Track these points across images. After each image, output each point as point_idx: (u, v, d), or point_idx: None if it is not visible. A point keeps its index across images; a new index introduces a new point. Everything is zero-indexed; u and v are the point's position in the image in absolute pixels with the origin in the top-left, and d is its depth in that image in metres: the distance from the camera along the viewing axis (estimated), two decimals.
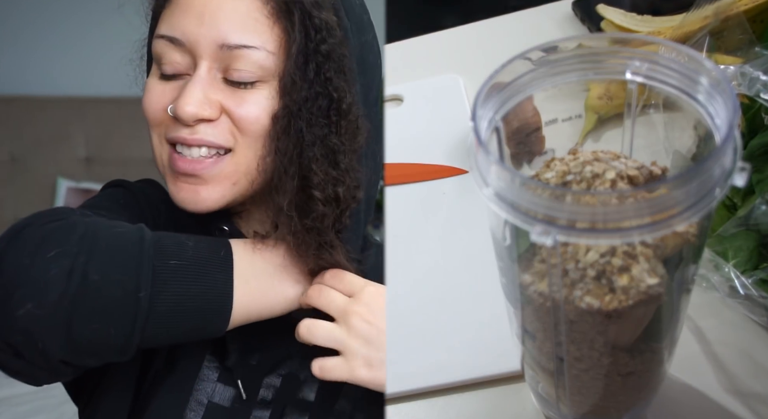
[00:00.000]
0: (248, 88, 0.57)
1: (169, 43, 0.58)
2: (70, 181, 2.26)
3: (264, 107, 0.57)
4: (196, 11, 0.57)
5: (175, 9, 0.58)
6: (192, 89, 0.57)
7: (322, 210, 0.58)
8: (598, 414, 0.59)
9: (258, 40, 0.56)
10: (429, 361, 0.70)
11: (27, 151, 2.26)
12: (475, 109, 0.48)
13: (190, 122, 0.57)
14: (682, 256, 0.48)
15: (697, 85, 0.49)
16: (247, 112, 0.57)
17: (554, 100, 0.55)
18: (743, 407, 0.62)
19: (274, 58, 0.57)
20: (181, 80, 0.58)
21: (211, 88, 0.57)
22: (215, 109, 0.57)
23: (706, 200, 0.43)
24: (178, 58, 0.58)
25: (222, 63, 0.57)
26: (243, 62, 0.56)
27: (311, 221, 0.58)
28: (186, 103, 0.56)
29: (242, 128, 0.57)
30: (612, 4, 1.00)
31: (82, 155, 2.28)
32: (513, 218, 0.45)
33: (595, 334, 0.50)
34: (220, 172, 0.58)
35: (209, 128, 0.57)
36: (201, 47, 0.57)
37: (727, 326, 0.68)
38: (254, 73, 0.57)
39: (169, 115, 0.58)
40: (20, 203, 2.23)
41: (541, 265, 0.49)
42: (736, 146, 0.44)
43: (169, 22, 0.58)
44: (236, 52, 0.56)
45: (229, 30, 0.56)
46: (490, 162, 0.46)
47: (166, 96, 0.58)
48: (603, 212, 0.42)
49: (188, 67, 0.58)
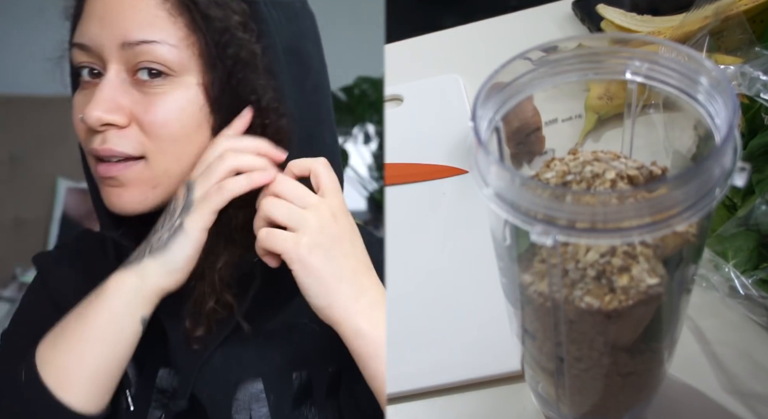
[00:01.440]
0: (157, 87, 0.57)
1: (80, 51, 0.58)
2: (70, 181, 2.25)
3: (173, 109, 0.57)
4: (98, 15, 0.57)
5: (84, 17, 0.59)
6: (98, 94, 0.57)
7: (235, 213, 0.58)
8: (598, 414, 0.59)
9: (159, 35, 0.56)
10: (429, 361, 0.70)
11: (27, 151, 2.26)
12: (475, 109, 0.48)
13: (98, 127, 0.57)
14: (682, 256, 0.48)
15: (697, 84, 0.49)
16: (155, 116, 0.57)
17: (554, 100, 0.55)
18: (743, 407, 0.62)
19: (177, 52, 0.57)
20: (94, 87, 0.58)
21: (119, 91, 0.57)
22: (123, 116, 0.57)
23: (706, 200, 0.43)
24: (88, 61, 0.58)
25: (127, 63, 0.57)
26: (146, 57, 0.56)
27: (228, 222, 0.58)
28: (92, 108, 0.56)
29: (151, 134, 0.57)
30: (612, 4, 1.00)
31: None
32: (513, 218, 0.45)
33: (595, 334, 0.50)
34: (137, 176, 0.58)
35: (116, 137, 0.57)
36: (105, 49, 0.57)
37: (727, 326, 0.68)
38: (160, 67, 0.56)
39: (86, 127, 0.58)
40: (20, 203, 2.23)
41: (541, 265, 0.49)
42: (736, 146, 0.44)
43: (79, 30, 0.59)
44: (138, 49, 0.56)
45: (129, 27, 0.56)
46: (490, 162, 0.46)
47: (81, 108, 0.58)
48: (603, 212, 0.42)
49: (100, 71, 0.58)
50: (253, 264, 0.58)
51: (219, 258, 0.58)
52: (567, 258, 0.47)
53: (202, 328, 0.60)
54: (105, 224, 0.62)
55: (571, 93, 0.56)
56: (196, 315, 0.59)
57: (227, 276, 0.58)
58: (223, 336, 0.59)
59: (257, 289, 0.59)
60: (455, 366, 0.69)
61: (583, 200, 0.44)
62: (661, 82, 0.51)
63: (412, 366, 0.69)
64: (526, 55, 0.51)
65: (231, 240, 0.58)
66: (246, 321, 0.59)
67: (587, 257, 0.47)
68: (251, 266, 0.59)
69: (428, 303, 0.75)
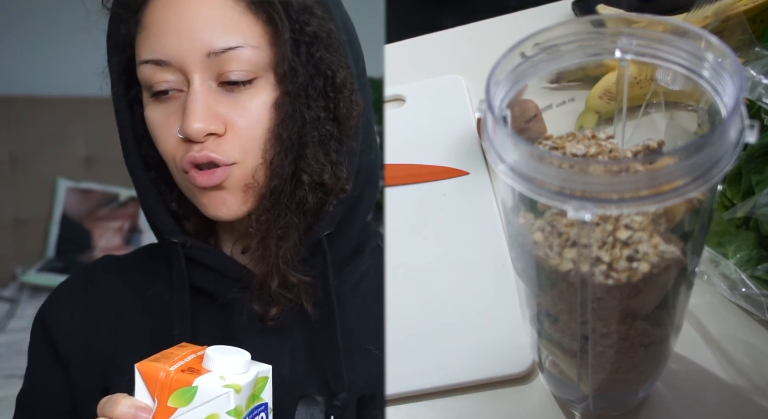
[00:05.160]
0: (245, 91, 0.57)
1: (156, 66, 0.57)
2: (70, 181, 2.25)
3: (264, 110, 0.57)
4: (174, 28, 0.56)
5: (151, 32, 0.57)
6: (193, 105, 0.56)
7: (304, 195, 0.58)
8: (620, 388, 0.60)
9: (241, 39, 0.56)
10: (428, 363, 0.70)
11: (27, 151, 2.25)
12: (489, 87, 0.49)
13: (201, 139, 0.57)
14: (694, 221, 0.50)
15: (703, 61, 0.50)
16: (250, 120, 0.57)
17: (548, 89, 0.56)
18: (744, 382, 0.64)
19: (260, 52, 0.57)
20: (176, 99, 0.58)
21: (212, 100, 0.57)
22: (220, 124, 0.57)
23: (724, 162, 0.45)
24: (168, 77, 0.57)
25: (212, 71, 0.56)
26: (233, 64, 0.56)
27: (291, 203, 0.58)
28: (191, 121, 0.56)
29: (245, 137, 0.57)
30: (612, 4, 1.00)
31: (82, 155, 2.28)
32: (538, 195, 0.45)
33: (621, 308, 0.50)
34: (237, 181, 0.58)
35: (216, 145, 0.57)
36: (189, 62, 0.56)
37: (726, 322, 0.68)
38: (248, 72, 0.57)
39: (179, 139, 0.58)
40: (20, 203, 2.23)
41: (567, 246, 0.50)
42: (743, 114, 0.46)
43: (149, 46, 0.57)
44: (223, 57, 0.56)
45: (212, 37, 0.56)
46: (514, 140, 0.46)
47: (169, 123, 0.58)
48: (647, 177, 0.43)
49: (180, 83, 0.57)
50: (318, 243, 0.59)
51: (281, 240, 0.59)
52: (593, 235, 0.48)
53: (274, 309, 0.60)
54: (169, 231, 0.61)
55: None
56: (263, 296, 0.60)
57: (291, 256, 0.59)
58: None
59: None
60: (455, 368, 0.69)
61: (613, 171, 0.45)
62: (660, 59, 0.52)
63: (412, 367, 0.69)
64: (521, 49, 0.52)
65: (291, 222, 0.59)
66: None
67: (617, 233, 0.48)
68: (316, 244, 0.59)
69: (428, 304, 0.75)
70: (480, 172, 0.88)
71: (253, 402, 0.52)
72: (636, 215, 0.48)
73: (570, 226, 0.49)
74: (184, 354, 0.52)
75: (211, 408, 0.49)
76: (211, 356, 0.51)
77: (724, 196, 0.72)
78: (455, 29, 1.14)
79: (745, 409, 0.63)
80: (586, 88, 0.82)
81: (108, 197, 2.24)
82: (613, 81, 0.69)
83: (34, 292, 2.07)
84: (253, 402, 0.52)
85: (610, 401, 0.62)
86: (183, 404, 0.49)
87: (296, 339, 0.60)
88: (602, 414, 0.64)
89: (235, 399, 0.49)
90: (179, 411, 0.49)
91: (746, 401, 0.63)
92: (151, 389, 0.50)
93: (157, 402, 0.50)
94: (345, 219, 0.61)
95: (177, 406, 0.49)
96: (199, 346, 0.54)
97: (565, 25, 0.53)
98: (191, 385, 0.49)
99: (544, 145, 0.53)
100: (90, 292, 0.67)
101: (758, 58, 0.73)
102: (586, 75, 0.66)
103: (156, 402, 0.50)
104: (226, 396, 0.49)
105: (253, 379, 0.51)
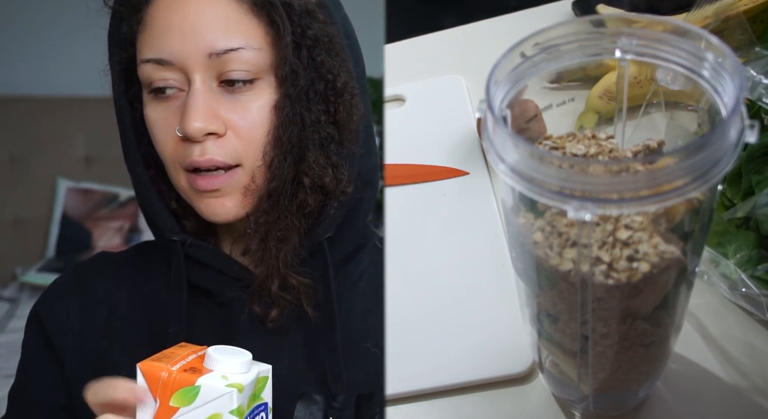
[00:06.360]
0: (246, 92, 0.57)
1: (157, 65, 0.57)
2: (70, 181, 2.25)
3: (265, 111, 0.58)
4: (177, 28, 0.56)
5: (154, 31, 0.58)
6: (193, 105, 0.56)
7: (305, 198, 0.58)
8: (620, 388, 0.60)
9: (243, 40, 0.56)
10: (428, 363, 0.70)
11: (27, 151, 2.25)
12: (488, 87, 0.49)
13: (200, 138, 0.57)
14: (694, 221, 0.50)
15: (703, 61, 0.50)
16: (252, 121, 0.57)
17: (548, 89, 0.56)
18: (745, 383, 0.64)
19: (262, 54, 0.57)
20: (176, 99, 0.58)
21: (212, 100, 0.57)
22: (221, 124, 0.57)
23: (724, 162, 0.45)
24: (169, 76, 0.57)
25: (213, 71, 0.57)
26: (234, 64, 0.56)
27: (292, 205, 0.58)
28: (191, 120, 0.56)
29: (247, 139, 0.57)
30: (612, 4, 1.00)
31: (82, 155, 2.28)
32: (537, 195, 0.45)
33: (621, 308, 0.51)
34: (237, 184, 0.58)
35: (216, 147, 0.57)
36: (191, 62, 0.56)
37: (726, 322, 0.68)
38: (248, 72, 0.57)
39: (178, 138, 0.58)
40: (20, 203, 2.22)
41: (566, 245, 0.50)
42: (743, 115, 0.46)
43: (151, 45, 0.58)
44: (225, 57, 0.56)
45: (214, 38, 0.56)
46: (514, 140, 0.46)
47: (169, 122, 0.58)
48: (647, 177, 0.43)
49: (181, 83, 0.57)
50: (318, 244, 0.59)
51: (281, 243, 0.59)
52: (593, 235, 0.48)
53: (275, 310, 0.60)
54: (169, 229, 0.61)
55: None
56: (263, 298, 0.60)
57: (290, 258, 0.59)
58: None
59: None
60: (455, 368, 0.69)
61: (612, 171, 0.45)
62: (660, 59, 0.52)
63: (412, 367, 0.69)
64: (521, 48, 0.52)
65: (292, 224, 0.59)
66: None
67: (618, 233, 0.48)
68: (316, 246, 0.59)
69: (428, 304, 0.75)
70: (480, 172, 0.88)
71: (254, 401, 0.52)
72: (636, 215, 0.48)
73: (570, 226, 0.49)
74: (185, 353, 0.52)
75: (214, 408, 0.49)
76: (213, 356, 0.51)
77: (724, 196, 0.72)
78: (455, 29, 1.14)
79: (745, 409, 0.63)
80: (586, 88, 0.82)
81: (108, 197, 2.24)
82: (613, 81, 0.69)
83: (34, 292, 2.07)
84: (254, 401, 0.52)
85: (610, 401, 0.62)
86: (185, 403, 0.49)
87: (295, 339, 0.60)
88: (602, 414, 0.64)
89: (237, 399, 0.49)
90: (181, 410, 0.49)
91: (746, 401, 0.63)
92: (153, 389, 0.50)
93: (159, 401, 0.50)
94: (345, 222, 0.61)
95: (179, 406, 0.49)
96: (199, 346, 0.54)
97: (565, 25, 0.53)
98: (194, 385, 0.49)
99: (544, 145, 0.53)
100: (84, 289, 0.67)
101: (758, 58, 0.73)
102: (586, 75, 0.67)
103: (158, 401, 0.50)
104: (228, 395, 0.49)
105: (255, 379, 0.51)
